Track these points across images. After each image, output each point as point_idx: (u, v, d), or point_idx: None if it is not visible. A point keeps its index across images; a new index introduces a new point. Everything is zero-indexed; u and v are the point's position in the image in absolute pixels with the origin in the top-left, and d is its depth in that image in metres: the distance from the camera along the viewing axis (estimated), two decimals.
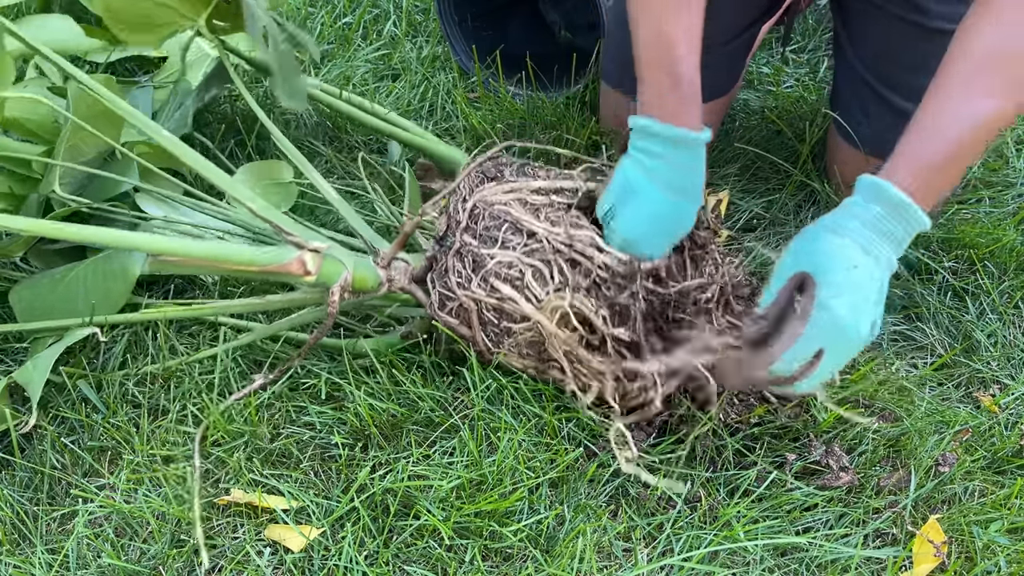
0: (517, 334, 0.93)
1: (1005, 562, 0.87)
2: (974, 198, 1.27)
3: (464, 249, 0.95)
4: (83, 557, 0.88)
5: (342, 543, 0.87)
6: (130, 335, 1.07)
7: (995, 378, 1.07)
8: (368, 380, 1.00)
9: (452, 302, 0.95)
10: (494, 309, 0.93)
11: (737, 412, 0.96)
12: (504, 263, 0.93)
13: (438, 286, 0.96)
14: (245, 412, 0.97)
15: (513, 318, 0.92)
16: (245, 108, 1.37)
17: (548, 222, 0.95)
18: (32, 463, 0.96)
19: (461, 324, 0.95)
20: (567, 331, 0.91)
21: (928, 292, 1.15)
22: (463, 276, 0.94)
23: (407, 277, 1.00)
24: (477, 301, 0.93)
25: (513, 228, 0.94)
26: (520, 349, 0.94)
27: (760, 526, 0.89)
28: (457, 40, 1.50)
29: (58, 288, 1.05)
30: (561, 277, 0.92)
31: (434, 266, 0.97)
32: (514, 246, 0.93)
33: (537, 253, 0.93)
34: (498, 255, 0.93)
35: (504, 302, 0.92)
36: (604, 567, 0.87)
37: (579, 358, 0.92)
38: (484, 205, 0.96)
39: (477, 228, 0.95)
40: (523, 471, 0.91)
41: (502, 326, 0.93)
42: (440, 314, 0.96)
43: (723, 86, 1.27)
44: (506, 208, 0.96)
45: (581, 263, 0.93)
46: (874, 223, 0.83)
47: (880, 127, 1.15)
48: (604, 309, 0.91)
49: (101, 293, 1.04)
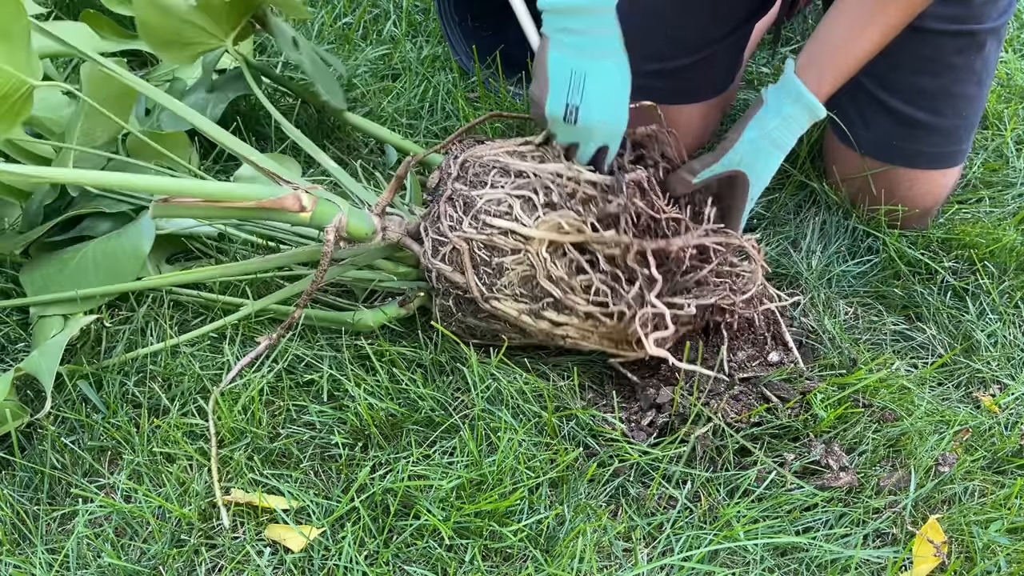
0: (509, 270, 0.94)
1: (1005, 562, 0.87)
2: (974, 198, 1.27)
3: (455, 195, 0.97)
4: (83, 557, 0.88)
5: (342, 543, 0.87)
6: (130, 333, 1.07)
7: (995, 378, 1.07)
8: (368, 379, 1.00)
9: (445, 246, 0.96)
10: (485, 247, 0.94)
11: (737, 412, 0.96)
12: (493, 200, 0.95)
13: (431, 233, 0.98)
14: (248, 404, 0.97)
15: (504, 252, 0.94)
16: (248, 109, 1.38)
17: (534, 161, 0.99)
18: (32, 463, 0.96)
19: (455, 270, 0.96)
20: (558, 260, 0.94)
21: (928, 292, 1.15)
22: (454, 219, 0.96)
23: (402, 229, 1.02)
24: (468, 240, 0.95)
25: (502, 171, 0.98)
26: (513, 289, 0.95)
27: (760, 526, 0.89)
28: (457, 40, 1.49)
29: (67, 267, 1.07)
30: (547, 198, 0.95)
31: (427, 216, 0.99)
32: (503, 185, 0.96)
33: (525, 187, 0.96)
34: (488, 193, 0.95)
35: (494, 236, 0.94)
36: (604, 567, 0.87)
37: (571, 287, 0.94)
38: (474, 158, 1.00)
39: (467, 176, 0.98)
40: (523, 471, 0.91)
41: (494, 264, 0.94)
42: (434, 261, 0.97)
43: (721, 84, 1.27)
44: (495, 157, 0.99)
45: (566, 185, 0.96)
46: (795, 128, 1.01)
47: (876, 129, 1.15)
48: (592, 219, 0.94)
49: (111, 270, 1.05)
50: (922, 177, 1.17)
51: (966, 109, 1.13)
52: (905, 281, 1.16)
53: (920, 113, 1.12)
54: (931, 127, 1.13)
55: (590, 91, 0.95)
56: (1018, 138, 1.37)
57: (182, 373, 1.02)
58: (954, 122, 1.13)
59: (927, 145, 1.14)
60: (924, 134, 1.13)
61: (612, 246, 0.94)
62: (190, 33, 1.15)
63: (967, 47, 1.08)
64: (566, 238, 0.94)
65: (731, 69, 1.28)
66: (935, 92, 1.11)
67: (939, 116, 1.12)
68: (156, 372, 1.03)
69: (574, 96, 0.96)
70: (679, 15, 1.17)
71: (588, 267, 0.95)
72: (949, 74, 1.10)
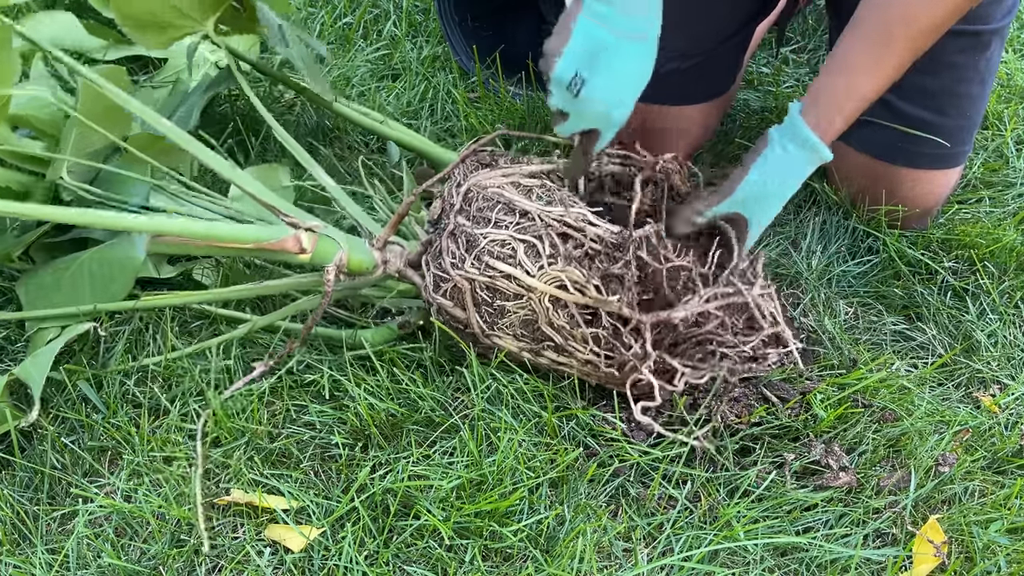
0: (511, 313, 0.93)
1: (1005, 562, 0.87)
2: (974, 198, 1.27)
3: (458, 230, 0.95)
4: (83, 557, 0.88)
5: (342, 543, 0.87)
6: (130, 333, 1.07)
7: (995, 378, 1.07)
8: (368, 379, 1.00)
9: (447, 283, 0.95)
10: (487, 288, 0.93)
11: (737, 412, 0.96)
12: (497, 241, 0.93)
13: (432, 268, 0.97)
14: (247, 406, 0.97)
15: (506, 296, 0.93)
16: (244, 108, 1.38)
17: (541, 201, 0.96)
18: (32, 463, 0.96)
19: (456, 306, 0.95)
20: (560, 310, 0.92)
21: (928, 292, 1.15)
22: (457, 256, 0.95)
23: (403, 260, 1.01)
24: (471, 280, 0.93)
25: (506, 208, 0.95)
26: (514, 330, 0.95)
27: (760, 526, 0.89)
28: (457, 40, 1.49)
29: (62, 278, 1.06)
30: (552, 249, 0.93)
31: (428, 249, 0.98)
32: (507, 225, 0.94)
33: (530, 230, 0.94)
34: (491, 234, 0.94)
35: (497, 279, 0.93)
36: (604, 567, 0.87)
37: (571, 335, 0.93)
38: (478, 189, 0.97)
39: (471, 210, 0.96)
40: (523, 471, 0.91)
41: (496, 305, 0.94)
42: (435, 296, 0.96)
43: (721, 85, 1.27)
44: (499, 190, 0.96)
45: (573, 236, 0.94)
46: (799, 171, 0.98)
47: (878, 129, 1.15)
48: (596, 280, 0.92)
49: (104, 282, 1.04)
50: (924, 177, 1.17)
51: (969, 109, 1.13)
52: (905, 281, 1.16)
53: (923, 112, 1.12)
54: (934, 127, 1.13)
55: (603, 69, 0.89)
56: (1018, 138, 1.37)
57: (182, 375, 1.02)
58: (957, 122, 1.13)
59: (929, 145, 1.14)
60: (925, 134, 1.13)
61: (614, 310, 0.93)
62: (167, 15, 1.11)
63: (971, 47, 1.08)
64: (568, 297, 0.92)
65: (732, 70, 1.28)
66: (939, 92, 1.11)
67: (942, 116, 1.12)
68: (156, 373, 1.03)
69: (585, 67, 0.89)
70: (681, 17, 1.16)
71: (589, 320, 0.94)
72: (953, 74, 1.10)
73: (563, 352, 0.95)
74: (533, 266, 0.92)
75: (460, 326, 0.97)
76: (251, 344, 1.07)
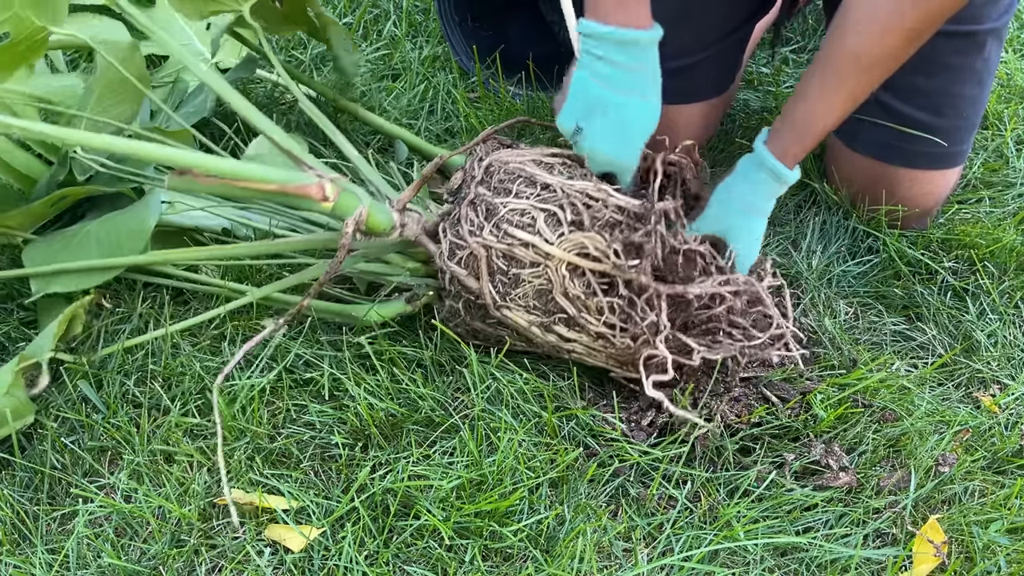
0: (525, 282, 0.93)
1: (1005, 562, 0.87)
2: (974, 198, 1.27)
3: (478, 199, 0.96)
4: (83, 557, 0.88)
5: (342, 543, 0.87)
6: (130, 333, 1.07)
7: (995, 378, 1.07)
8: (368, 379, 1.00)
9: (463, 250, 0.95)
10: (504, 256, 0.93)
11: (737, 412, 0.96)
12: (517, 210, 0.94)
13: (449, 235, 0.97)
14: (247, 405, 0.97)
15: (523, 264, 0.93)
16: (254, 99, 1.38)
17: (563, 176, 0.97)
18: (32, 463, 0.96)
19: (470, 275, 0.95)
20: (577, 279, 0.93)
21: (928, 292, 1.15)
22: (475, 224, 0.95)
23: (419, 226, 1.01)
24: (488, 247, 0.93)
25: (527, 181, 0.96)
26: (527, 301, 0.94)
27: (760, 526, 0.89)
28: (457, 40, 1.49)
29: (70, 245, 1.05)
30: (575, 216, 0.94)
31: (446, 218, 0.98)
32: (528, 195, 0.95)
33: (551, 201, 0.95)
34: (511, 203, 0.94)
35: (515, 247, 0.93)
36: (604, 567, 0.87)
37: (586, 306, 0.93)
38: (500, 163, 0.98)
39: (491, 181, 0.97)
40: (523, 471, 0.91)
41: (511, 274, 0.94)
42: (450, 264, 0.96)
43: (720, 84, 1.27)
44: (521, 166, 0.98)
45: (593, 206, 0.95)
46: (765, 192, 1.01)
47: (875, 129, 1.15)
48: (618, 245, 0.93)
49: (114, 247, 1.03)
50: (922, 177, 1.17)
51: (967, 109, 1.13)
52: (905, 281, 1.16)
53: (920, 113, 1.12)
54: (931, 127, 1.13)
55: (600, 123, 0.96)
56: (1018, 138, 1.37)
57: (182, 373, 1.02)
58: (954, 122, 1.13)
59: (926, 145, 1.14)
60: (923, 134, 1.13)
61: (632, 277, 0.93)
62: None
63: (967, 47, 1.07)
64: (587, 264, 0.92)
65: (732, 69, 1.28)
66: (935, 92, 1.11)
67: (939, 116, 1.12)
68: (156, 372, 1.03)
69: (584, 120, 0.97)
70: (680, 15, 1.17)
71: (606, 290, 0.94)
72: (949, 74, 1.10)
73: (575, 326, 0.95)
74: (553, 234, 0.93)
75: (472, 297, 0.97)
76: (253, 330, 1.06)
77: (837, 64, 0.94)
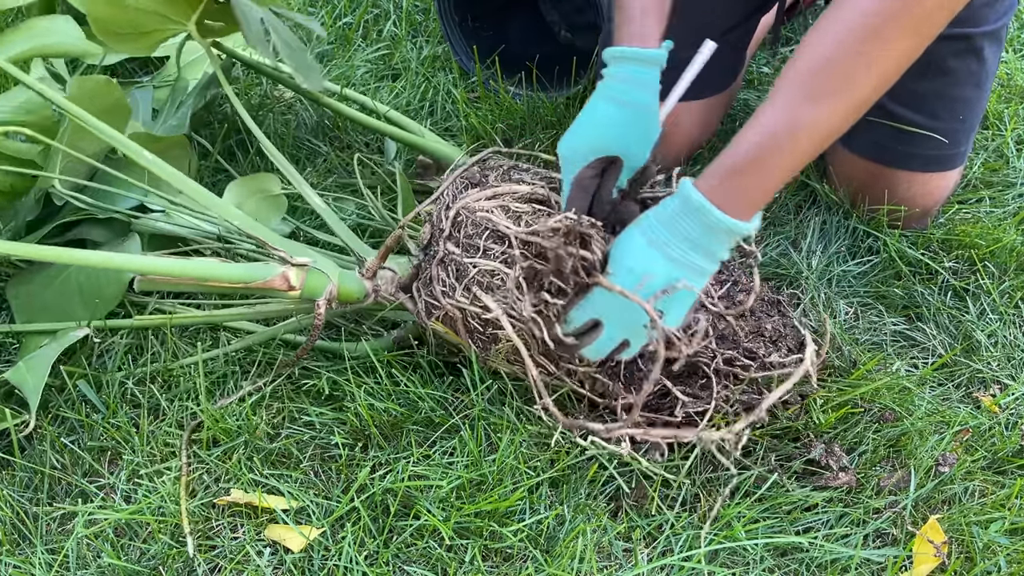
0: (503, 340, 0.93)
1: (1005, 562, 0.87)
2: (974, 198, 1.27)
3: (447, 258, 0.94)
4: (83, 557, 0.88)
5: (342, 543, 0.87)
6: (131, 337, 1.07)
7: (995, 378, 1.07)
8: (368, 380, 1.00)
9: (438, 311, 0.95)
10: (479, 317, 0.93)
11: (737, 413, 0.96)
12: (487, 271, 0.92)
13: (424, 295, 0.96)
14: (242, 411, 0.97)
15: (498, 325, 0.92)
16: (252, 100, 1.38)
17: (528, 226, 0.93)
18: (32, 463, 0.96)
19: (448, 332, 0.95)
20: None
21: (928, 292, 1.15)
22: (447, 285, 0.94)
23: (394, 286, 1.01)
24: (462, 310, 0.93)
25: (495, 236, 0.93)
26: (509, 356, 0.94)
27: (760, 526, 0.89)
28: (457, 40, 1.50)
29: (52, 285, 1.05)
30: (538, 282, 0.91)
31: (420, 274, 0.98)
32: (495, 255, 0.93)
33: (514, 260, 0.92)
34: (480, 263, 0.92)
35: (487, 311, 0.92)
36: (604, 567, 0.87)
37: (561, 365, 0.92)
38: (467, 213, 0.95)
39: (459, 236, 0.95)
40: (523, 471, 0.91)
41: (488, 333, 0.93)
42: (428, 323, 0.96)
43: (721, 82, 1.27)
44: (487, 215, 0.94)
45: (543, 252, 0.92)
46: (669, 220, 0.83)
47: (872, 131, 1.15)
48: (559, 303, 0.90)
49: (95, 292, 1.04)
50: (919, 179, 1.16)
51: (964, 112, 1.13)
52: (905, 281, 1.16)
53: (916, 116, 1.12)
54: (927, 130, 1.12)
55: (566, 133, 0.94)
56: (1018, 138, 1.37)
57: (180, 376, 1.02)
58: (951, 125, 1.13)
59: (923, 148, 1.14)
60: (920, 137, 1.13)
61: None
62: (146, 21, 1.08)
63: (964, 50, 1.07)
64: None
65: (733, 67, 1.28)
66: (931, 95, 1.11)
67: (935, 119, 1.12)
68: (156, 374, 1.03)
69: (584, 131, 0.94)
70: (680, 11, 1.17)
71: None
72: (945, 77, 1.09)
73: (556, 377, 0.95)
74: (524, 297, 0.90)
75: (455, 350, 0.97)
76: (250, 351, 1.06)
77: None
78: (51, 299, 1.05)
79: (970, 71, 1.09)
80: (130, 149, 0.98)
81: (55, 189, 1.06)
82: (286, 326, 1.06)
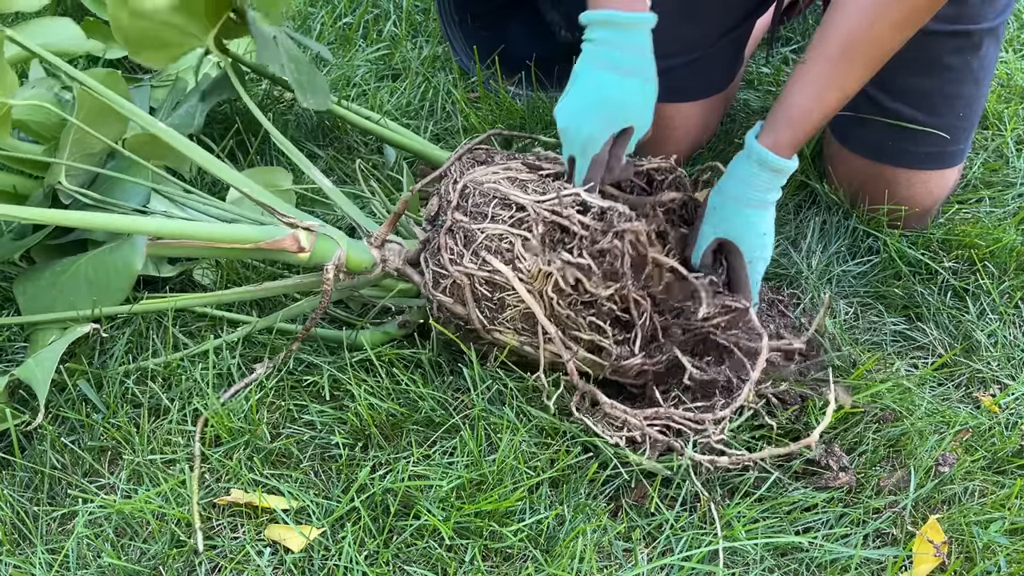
0: (511, 307, 0.93)
1: (1005, 562, 0.87)
2: (974, 198, 1.27)
3: (455, 226, 0.95)
4: (83, 557, 0.88)
5: (342, 543, 0.87)
6: (131, 334, 1.07)
7: (995, 378, 1.07)
8: (368, 379, 1.00)
9: (446, 279, 0.95)
10: (487, 283, 0.93)
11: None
12: (494, 235, 0.93)
13: (431, 265, 0.97)
14: (246, 406, 0.97)
15: (506, 289, 0.93)
16: (245, 108, 1.37)
17: (535, 193, 0.96)
18: (32, 463, 0.96)
19: (456, 302, 0.95)
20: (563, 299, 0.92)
21: (928, 292, 1.15)
22: (455, 252, 0.94)
23: (401, 258, 1.01)
24: (470, 275, 0.93)
25: (502, 203, 0.95)
26: (515, 324, 0.94)
27: (760, 526, 0.89)
28: (457, 40, 1.50)
29: (59, 281, 1.06)
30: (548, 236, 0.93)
31: (427, 246, 0.98)
32: (503, 219, 0.94)
33: (526, 223, 0.94)
34: (488, 228, 0.93)
35: (495, 274, 0.92)
36: (604, 567, 0.87)
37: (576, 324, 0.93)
38: (475, 184, 0.97)
39: (467, 205, 0.96)
40: (523, 471, 0.91)
41: (496, 299, 0.93)
42: (435, 293, 0.96)
43: (721, 82, 1.27)
44: (495, 185, 0.96)
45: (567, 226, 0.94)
46: (759, 183, 0.98)
47: (871, 129, 1.15)
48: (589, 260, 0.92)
49: (102, 286, 1.04)
50: (918, 177, 1.16)
51: (963, 109, 1.13)
52: (905, 281, 1.16)
53: (916, 113, 1.12)
54: (928, 126, 1.12)
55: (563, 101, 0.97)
56: (1018, 138, 1.37)
57: (182, 374, 1.02)
58: (951, 122, 1.13)
59: (923, 145, 1.14)
60: (920, 134, 1.13)
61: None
62: (167, 34, 1.12)
63: (963, 47, 1.07)
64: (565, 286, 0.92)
65: (731, 67, 1.28)
66: (931, 92, 1.11)
67: (935, 116, 1.12)
68: (157, 372, 1.03)
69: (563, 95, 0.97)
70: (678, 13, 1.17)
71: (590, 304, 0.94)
72: (945, 74, 1.09)
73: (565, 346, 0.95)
74: (532, 259, 0.92)
75: (461, 322, 0.97)
76: (251, 344, 1.07)
77: (825, 51, 0.93)
78: (58, 295, 1.05)
79: (969, 68, 1.09)
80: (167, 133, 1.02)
81: (61, 186, 1.06)
82: (287, 312, 1.06)
